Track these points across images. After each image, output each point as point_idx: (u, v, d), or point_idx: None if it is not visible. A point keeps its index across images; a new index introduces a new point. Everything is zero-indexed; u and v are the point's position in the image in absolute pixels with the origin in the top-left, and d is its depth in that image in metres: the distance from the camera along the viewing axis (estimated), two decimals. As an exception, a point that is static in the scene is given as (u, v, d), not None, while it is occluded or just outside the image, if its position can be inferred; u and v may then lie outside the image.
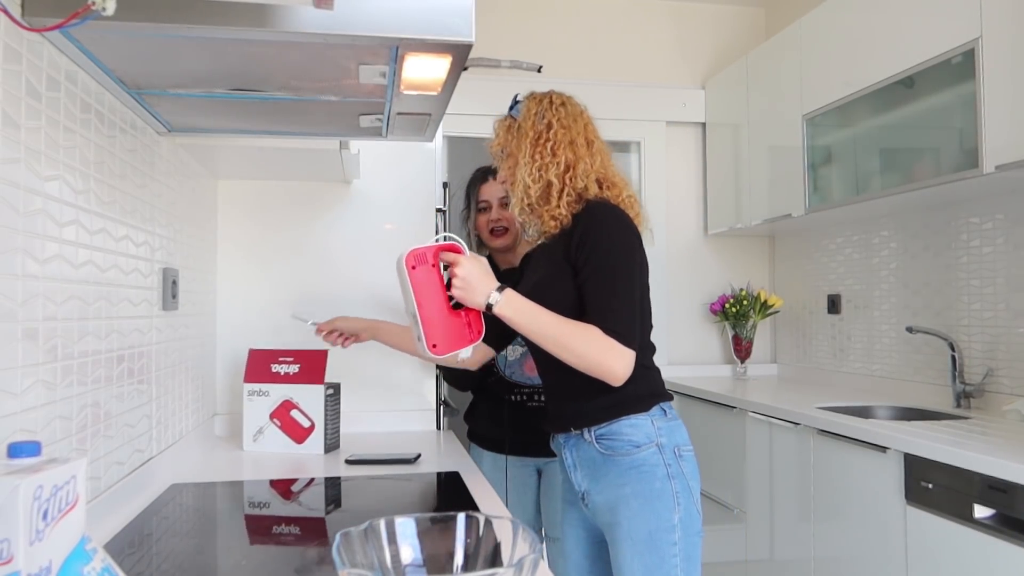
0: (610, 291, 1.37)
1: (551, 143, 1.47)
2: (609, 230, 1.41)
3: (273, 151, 1.76)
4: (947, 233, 2.57)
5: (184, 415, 1.82)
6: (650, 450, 1.40)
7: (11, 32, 0.92)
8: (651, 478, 1.38)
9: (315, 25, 0.94)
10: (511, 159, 1.53)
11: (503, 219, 2.07)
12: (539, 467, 2.08)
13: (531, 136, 1.48)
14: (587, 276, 1.39)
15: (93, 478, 1.23)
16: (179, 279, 1.71)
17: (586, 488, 1.47)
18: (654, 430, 1.41)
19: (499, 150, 1.57)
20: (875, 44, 2.42)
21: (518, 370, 2.02)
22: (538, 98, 1.53)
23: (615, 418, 1.42)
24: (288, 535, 1.26)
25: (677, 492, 1.39)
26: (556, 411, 1.53)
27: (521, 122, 1.51)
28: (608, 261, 1.39)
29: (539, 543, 0.77)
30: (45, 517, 0.62)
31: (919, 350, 2.69)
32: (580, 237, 1.41)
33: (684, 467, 1.41)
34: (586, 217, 1.43)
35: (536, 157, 1.47)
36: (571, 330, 1.35)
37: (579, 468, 1.48)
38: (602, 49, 3.58)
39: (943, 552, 1.80)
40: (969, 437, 1.90)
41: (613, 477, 1.41)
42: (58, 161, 1.07)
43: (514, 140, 1.52)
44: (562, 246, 1.45)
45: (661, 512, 1.38)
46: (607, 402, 1.42)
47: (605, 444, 1.43)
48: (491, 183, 2.10)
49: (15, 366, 0.95)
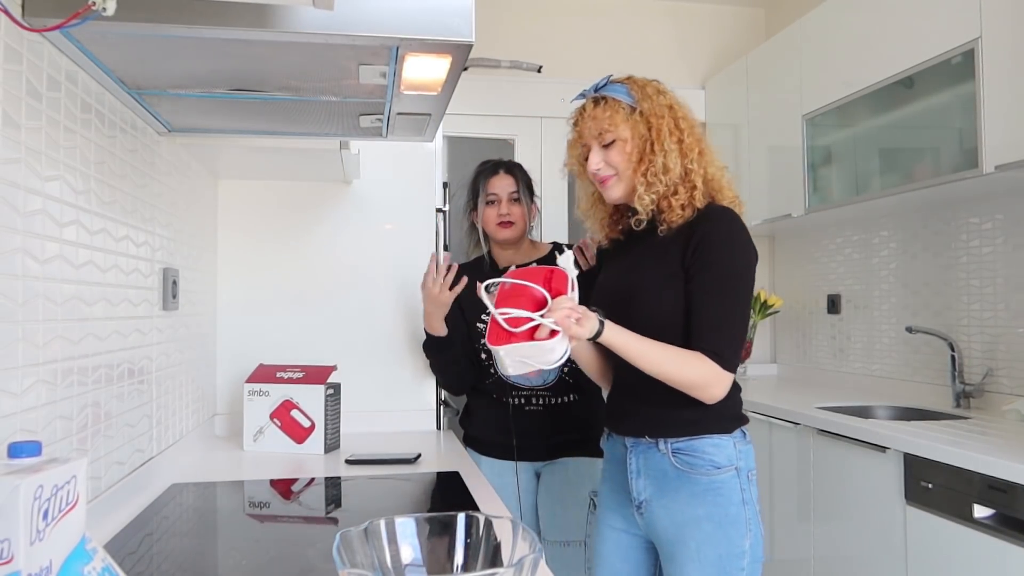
0: (726, 311, 1.33)
1: (682, 132, 1.39)
2: (734, 245, 1.35)
3: (273, 151, 1.76)
4: (947, 233, 2.58)
5: (184, 415, 1.82)
6: (729, 473, 1.35)
7: (11, 32, 0.92)
8: (727, 503, 1.34)
9: (315, 25, 0.94)
10: (622, 144, 1.39)
11: (511, 213, 2.04)
12: (537, 470, 2.07)
13: (667, 121, 1.38)
14: (703, 288, 1.33)
15: (93, 478, 1.23)
16: (179, 279, 1.71)
17: (647, 498, 1.40)
18: (735, 453, 1.37)
19: (611, 136, 1.40)
20: (875, 44, 2.42)
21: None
22: (640, 84, 1.43)
23: (697, 434, 1.36)
24: (288, 535, 1.26)
25: (749, 519, 1.35)
26: (626, 412, 1.45)
27: (644, 107, 1.39)
28: (730, 281, 1.34)
29: (539, 543, 0.77)
30: (45, 517, 0.62)
31: (919, 350, 2.69)
32: (700, 243, 1.34)
33: (754, 493, 1.38)
34: (709, 223, 1.36)
35: (674, 144, 1.37)
36: (674, 356, 1.30)
37: (644, 476, 1.41)
38: (602, 49, 3.58)
39: (943, 552, 1.80)
40: (969, 437, 1.90)
41: (686, 495, 1.36)
42: (58, 161, 1.07)
43: (634, 124, 1.39)
44: (678, 246, 1.37)
45: (733, 538, 1.33)
46: (692, 416, 1.36)
47: (682, 459, 1.36)
48: (501, 176, 2.07)
49: (15, 366, 0.95)
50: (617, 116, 1.39)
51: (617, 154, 1.40)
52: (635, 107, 1.40)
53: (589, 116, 1.42)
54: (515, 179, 2.06)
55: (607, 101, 1.40)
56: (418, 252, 2.29)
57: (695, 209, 1.38)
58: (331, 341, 2.22)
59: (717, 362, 1.30)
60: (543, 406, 2.00)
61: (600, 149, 1.42)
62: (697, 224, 1.36)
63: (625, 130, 1.39)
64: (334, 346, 2.22)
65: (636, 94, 1.41)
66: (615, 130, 1.39)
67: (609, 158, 1.41)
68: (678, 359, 1.31)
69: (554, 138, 3.53)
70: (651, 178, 1.37)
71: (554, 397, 1.99)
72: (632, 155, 1.39)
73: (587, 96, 1.45)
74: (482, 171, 2.11)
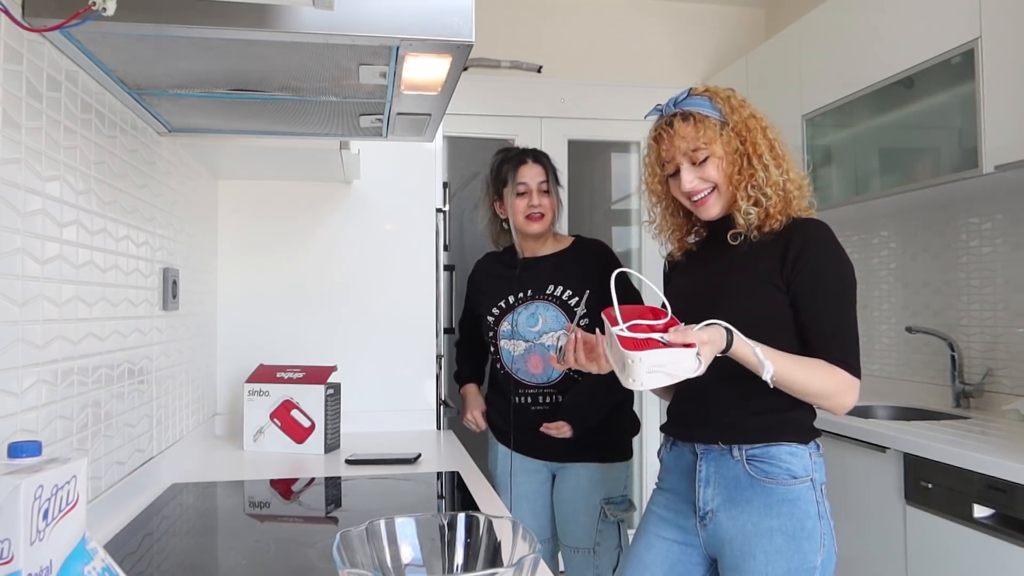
0: (843, 320, 1.31)
1: (771, 142, 1.37)
2: (835, 253, 1.33)
3: (273, 151, 1.76)
4: (947, 233, 2.57)
5: (184, 415, 1.82)
6: (805, 484, 1.31)
7: (11, 32, 0.92)
8: (803, 515, 1.29)
9: (315, 25, 0.94)
10: (717, 160, 1.35)
11: (542, 205, 1.99)
12: (553, 471, 2.05)
13: (758, 133, 1.35)
14: (818, 301, 1.31)
15: (94, 478, 1.23)
16: (179, 279, 1.71)
17: (715, 507, 1.35)
18: (811, 463, 1.32)
19: (704, 153, 1.35)
20: (875, 44, 2.42)
21: (523, 366, 2.00)
22: (724, 96, 1.39)
23: (772, 441, 1.32)
24: (288, 535, 1.26)
25: (824, 534, 1.30)
26: (696, 419, 1.40)
27: (733, 120, 1.35)
28: (841, 288, 1.32)
29: (538, 543, 0.77)
30: (45, 517, 0.62)
31: (918, 350, 2.69)
32: (804, 256, 1.31)
33: (828, 507, 1.33)
34: (803, 234, 1.33)
35: (770, 157, 1.35)
36: (806, 366, 1.27)
37: (714, 485, 1.35)
38: (602, 49, 3.58)
39: (943, 552, 1.80)
40: (969, 437, 1.90)
41: (759, 506, 1.31)
42: (58, 161, 1.07)
43: (728, 140, 1.35)
44: (771, 255, 1.34)
45: (807, 552, 1.28)
46: (769, 422, 1.32)
47: (757, 467, 1.31)
48: (530, 165, 2.00)
49: (15, 366, 0.95)
50: (709, 132, 1.34)
51: (713, 170, 1.36)
52: (725, 121, 1.35)
53: (677, 135, 1.36)
54: (544, 168, 2.02)
55: (695, 117, 1.35)
56: (418, 252, 2.29)
57: (789, 216, 1.36)
58: (331, 341, 2.22)
59: (846, 370, 1.28)
60: (550, 405, 1.99)
61: (692, 167, 1.37)
62: (792, 236, 1.33)
63: (719, 146, 1.34)
64: (334, 346, 2.22)
65: (723, 107, 1.36)
66: (709, 147, 1.34)
67: (705, 175, 1.36)
68: (810, 368, 1.27)
69: (554, 138, 3.53)
70: (752, 191, 1.34)
71: (561, 395, 1.99)
72: (728, 171, 1.35)
73: (666, 113, 1.40)
74: (507, 159, 2.04)
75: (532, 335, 1.99)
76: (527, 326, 1.99)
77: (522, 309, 2.01)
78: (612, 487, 1.97)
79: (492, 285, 2.08)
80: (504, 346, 2.02)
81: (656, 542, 1.43)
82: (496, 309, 2.04)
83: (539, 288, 2.00)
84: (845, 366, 1.28)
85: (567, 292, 1.98)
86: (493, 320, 2.04)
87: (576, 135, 3.52)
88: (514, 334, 2.00)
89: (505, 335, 2.02)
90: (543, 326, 1.98)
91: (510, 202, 2.00)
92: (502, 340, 2.02)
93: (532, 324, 1.99)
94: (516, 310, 2.01)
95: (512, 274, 2.05)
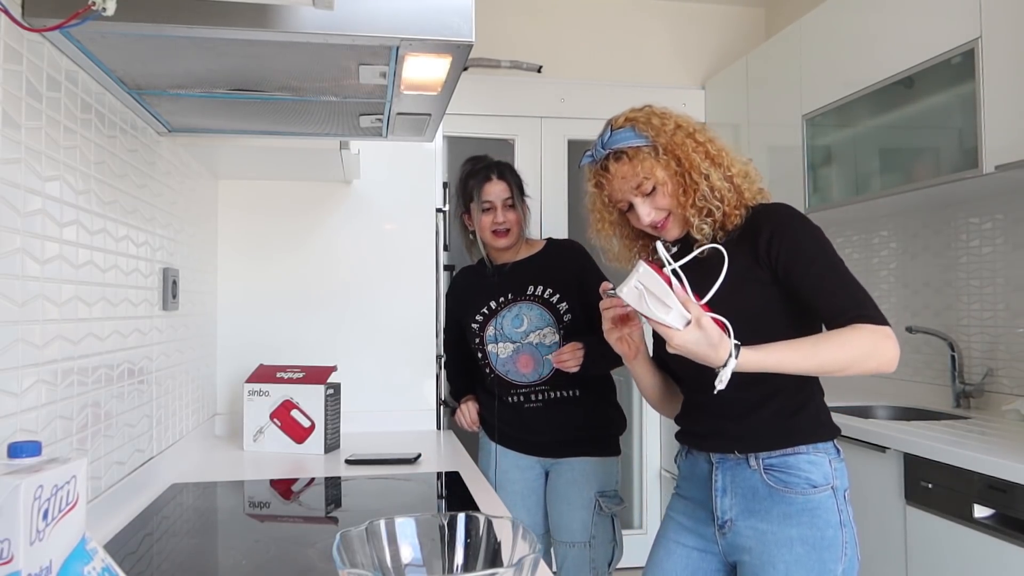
0: (841, 277, 1.27)
1: (704, 145, 1.34)
2: (803, 226, 1.31)
3: (273, 151, 1.76)
4: (947, 233, 2.58)
5: (184, 415, 1.82)
6: (825, 492, 1.28)
7: (11, 32, 0.92)
8: (824, 525, 1.27)
9: (315, 25, 0.94)
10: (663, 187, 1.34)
11: (507, 220, 2.00)
12: (546, 468, 2.07)
13: (688, 144, 1.33)
14: (808, 273, 1.27)
15: (93, 478, 1.23)
16: (179, 279, 1.71)
17: (733, 517, 1.33)
18: (831, 471, 1.30)
19: (650, 183, 1.34)
20: (875, 44, 2.42)
21: (512, 367, 2.01)
22: (643, 119, 1.35)
23: (790, 447, 1.30)
24: (288, 535, 1.26)
25: (846, 542, 1.28)
26: (708, 429, 1.38)
27: (661, 141, 1.33)
28: (825, 253, 1.28)
29: (538, 543, 0.77)
30: (45, 517, 0.62)
31: (919, 350, 2.69)
32: (775, 240, 1.28)
33: (851, 513, 1.31)
34: (767, 221, 1.31)
35: (707, 163, 1.32)
36: (830, 340, 1.21)
37: (731, 494, 1.33)
38: (602, 49, 3.58)
39: (943, 552, 1.80)
40: (969, 437, 1.90)
41: (778, 515, 1.29)
42: (58, 161, 1.07)
43: (665, 163, 1.33)
44: (744, 255, 1.31)
45: (828, 562, 1.26)
46: (784, 425, 1.31)
47: (775, 476, 1.29)
48: (494, 182, 2.01)
49: (15, 366, 0.95)
50: (646, 163, 1.32)
51: (661, 197, 1.34)
52: (655, 145, 1.33)
53: (616, 176, 1.35)
54: (508, 184, 2.02)
55: (627, 154, 1.34)
56: (418, 252, 2.29)
57: (747, 207, 1.34)
58: (331, 341, 2.23)
59: (869, 322, 1.21)
60: (542, 402, 2.00)
61: (644, 199, 1.35)
62: (757, 227, 1.32)
63: (660, 172, 1.32)
64: (334, 346, 2.22)
65: (647, 132, 1.34)
66: (652, 176, 1.32)
67: (657, 204, 1.35)
68: (832, 338, 1.21)
69: (554, 138, 3.53)
70: (701, 203, 1.32)
71: (552, 391, 2.00)
72: (675, 192, 1.34)
73: (597, 158, 1.38)
74: (472, 174, 2.05)
75: (518, 336, 2.00)
76: (512, 327, 2.01)
77: (505, 312, 2.02)
78: (606, 481, 1.99)
79: (471, 295, 2.10)
80: (491, 350, 2.03)
81: (676, 549, 1.42)
82: (479, 316, 2.05)
83: (519, 290, 2.02)
84: (866, 319, 1.21)
85: (548, 291, 2.00)
86: (478, 327, 2.05)
87: (576, 135, 3.51)
88: (500, 337, 2.02)
89: (491, 339, 2.03)
90: (528, 326, 1.99)
91: (477, 218, 2.02)
92: (488, 345, 2.04)
93: (517, 325, 2.01)
94: (500, 314, 2.03)
95: (490, 281, 2.06)
